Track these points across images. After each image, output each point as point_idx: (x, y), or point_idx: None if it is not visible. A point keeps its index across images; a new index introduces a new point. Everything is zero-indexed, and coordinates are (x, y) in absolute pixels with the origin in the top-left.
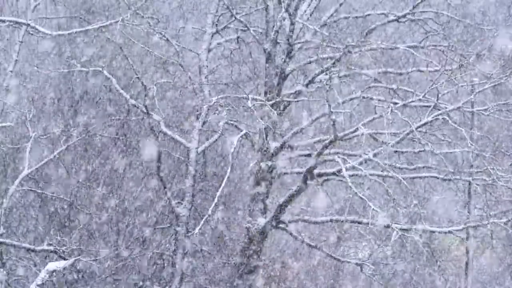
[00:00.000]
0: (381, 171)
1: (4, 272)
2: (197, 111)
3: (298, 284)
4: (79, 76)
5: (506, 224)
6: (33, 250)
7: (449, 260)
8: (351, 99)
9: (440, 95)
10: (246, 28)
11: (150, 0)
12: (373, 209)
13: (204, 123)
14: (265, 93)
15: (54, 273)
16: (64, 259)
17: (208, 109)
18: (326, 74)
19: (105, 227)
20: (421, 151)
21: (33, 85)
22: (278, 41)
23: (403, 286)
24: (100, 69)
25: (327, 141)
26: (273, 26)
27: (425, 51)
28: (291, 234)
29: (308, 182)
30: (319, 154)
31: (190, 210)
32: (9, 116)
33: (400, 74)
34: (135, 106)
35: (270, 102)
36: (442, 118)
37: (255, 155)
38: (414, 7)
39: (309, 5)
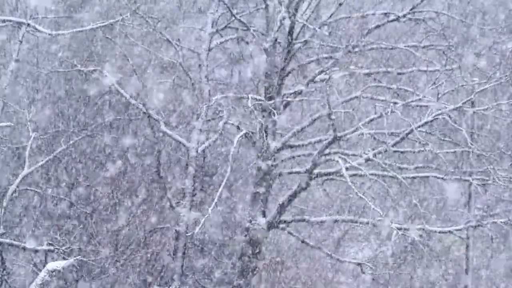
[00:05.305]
0: (381, 171)
1: (4, 272)
2: (197, 111)
3: (298, 284)
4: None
5: (506, 224)
6: (33, 250)
7: (449, 260)
8: (351, 99)
9: (440, 95)
10: (246, 28)
11: (151, 0)
12: (373, 209)
13: (204, 123)
14: (265, 93)
15: (54, 273)
16: (64, 259)
17: (208, 109)
18: (326, 74)
19: (105, 227)
20: (421, 151)
21: (33, 85)
22: (278, 41)
23: (403, 286)
24: (100, 68)
25: (327, 141)
26: (273, 26)
27: (425, 51)
28: (291, 234)
29: (308, 182)
30: (319, 154)
31: (190, 210)
32: (9, 116)
33: (400, 74)
34: (135, 106)
35: (270, 102)
36: (442, 118)
37: (255, 155)
38: (414, 7)
39: (309, 5)
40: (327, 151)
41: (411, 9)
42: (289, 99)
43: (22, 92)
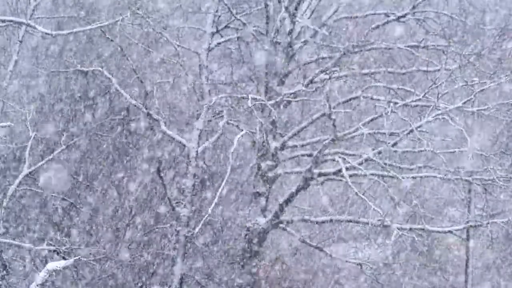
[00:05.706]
0: (381, 171)
1: (4, 272)
2: (197, 111)
3: (298, 284)
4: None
5: (506, 224)
6: (33, 250)
7: (449, 260)
8: (351, 99)
9: (440, 95)
10: (246, 28)
11: (151, 0)
12: (373, 209)
13: (204, 123)
14: (265, 93)
15: (54, 273)
16: (64, 259)
17: (208, 109)
18: (326, 74)
19: (105, 227)
20: (421, 151)
21: (33, 84)
22: (278, 41)
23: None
24: (100, 69)
25: (327, 141)
26: (273, 26)
27: (425, 51)
28: (291, 234)
29: (308, 182)
30: (319, 154)
31: (190, 210)
32: (9, 116)
33: (400, 74)
34: (135, 106)
35: (270, 102)
36: (442, 118)
37: (255, 155)
38: (414, 7)
39: (309, 5)
40: (327, 151)
41: (411, 9)
42: (289, 99)
43: (22, 92)
